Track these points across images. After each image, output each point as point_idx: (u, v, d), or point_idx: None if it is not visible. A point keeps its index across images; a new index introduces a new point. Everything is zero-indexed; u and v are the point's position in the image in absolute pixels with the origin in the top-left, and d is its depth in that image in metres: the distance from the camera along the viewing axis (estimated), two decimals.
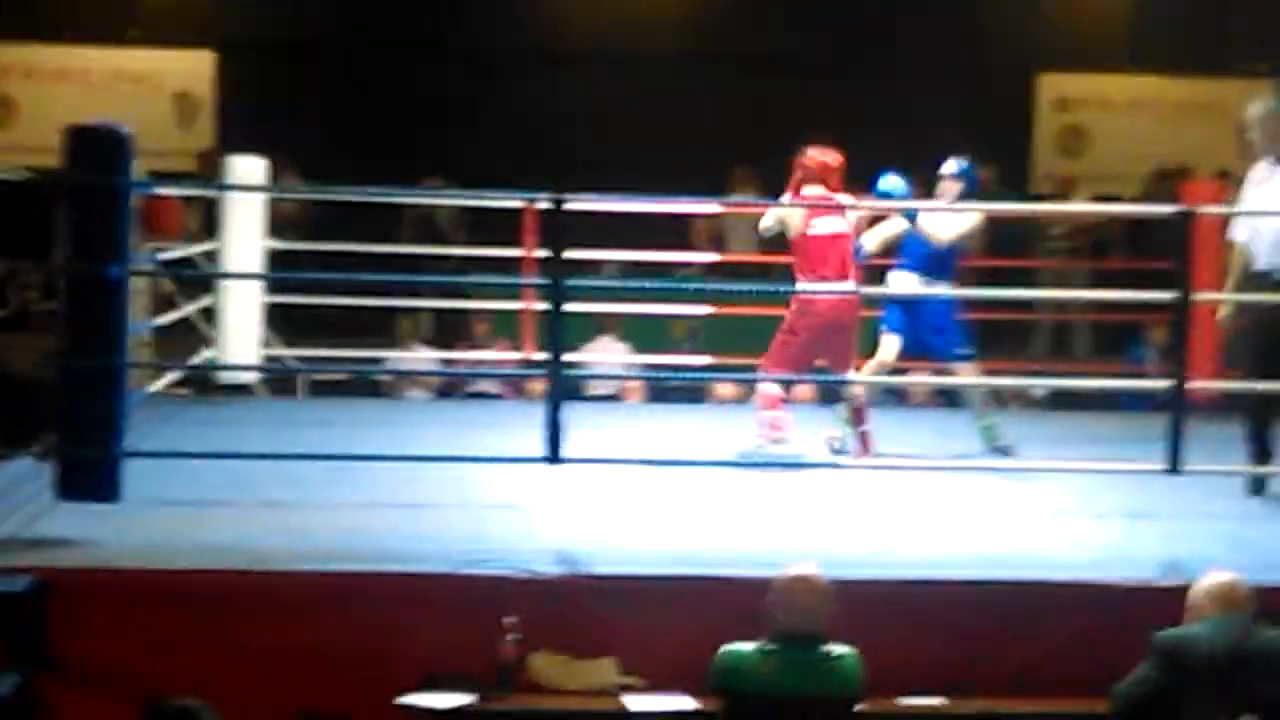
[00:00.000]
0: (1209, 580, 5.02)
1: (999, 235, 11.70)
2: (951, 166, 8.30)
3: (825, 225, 7.75)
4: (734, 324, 9.55)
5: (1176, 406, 6.54)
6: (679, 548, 6.11)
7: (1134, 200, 13.04)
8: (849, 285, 7.71)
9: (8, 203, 6.19)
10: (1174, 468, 6.52)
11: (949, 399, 9.89)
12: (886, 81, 14.00)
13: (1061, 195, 13.50)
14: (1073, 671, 5.54)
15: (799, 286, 7.73)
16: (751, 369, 7.84)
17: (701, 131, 13.72)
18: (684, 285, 10.66)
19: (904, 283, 8.31)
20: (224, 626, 5.48)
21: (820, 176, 7.87)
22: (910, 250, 8.30)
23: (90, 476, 6.06)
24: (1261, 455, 7.33)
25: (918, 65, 14.13)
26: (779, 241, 8.08)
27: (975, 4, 14.70)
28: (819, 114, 9.11)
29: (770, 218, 7.99)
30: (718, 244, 12.46)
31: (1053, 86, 15.13)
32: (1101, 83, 15.10)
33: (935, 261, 8.24)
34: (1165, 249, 7.25)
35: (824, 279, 7.68)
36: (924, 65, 14.17)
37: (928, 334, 8.26)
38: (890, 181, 8.10)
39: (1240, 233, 7.54)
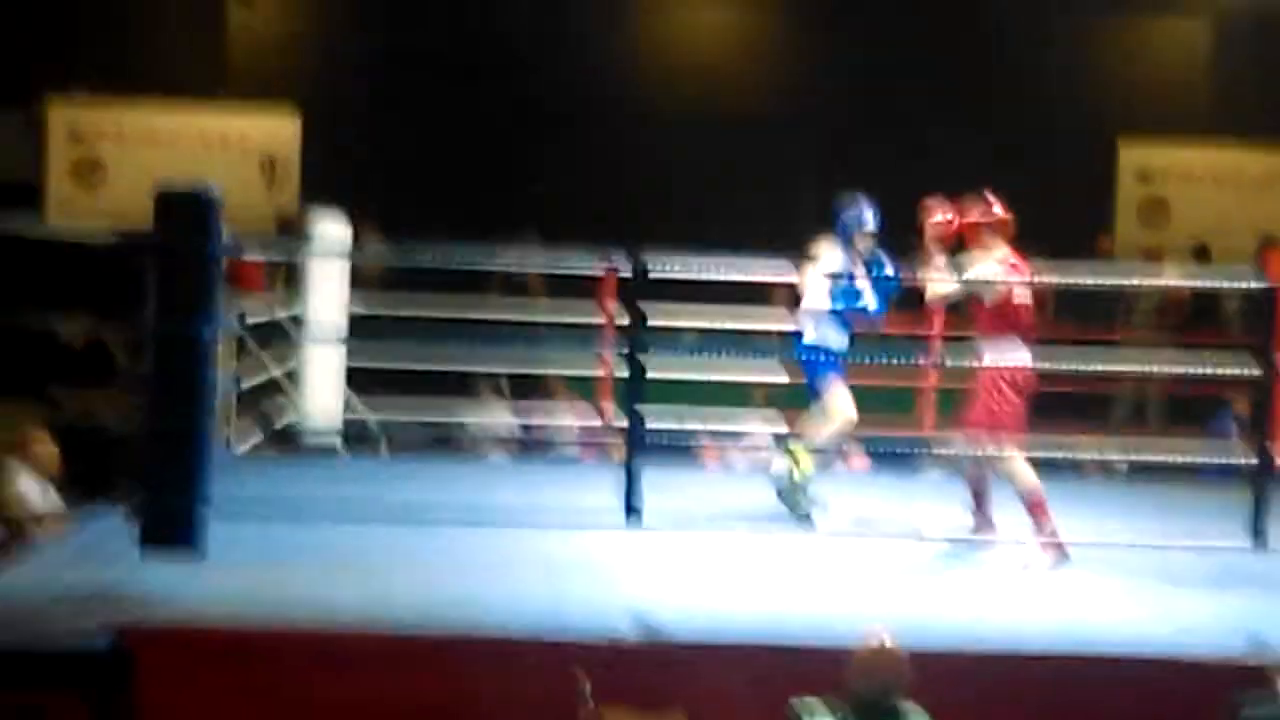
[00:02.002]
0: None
1: (1083, 303, 11.63)
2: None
3: (1022, 290, 7.42)
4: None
5: (1260, 480, 6.49)
6: (753, 612, 6.10)
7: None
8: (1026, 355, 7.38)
9: (98, 265, 6.30)
10: (1258, 542, 6.47)
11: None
12: (976, 144, 13.93)
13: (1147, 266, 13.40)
14: None
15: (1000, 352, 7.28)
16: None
17: (784, 192, 13.69)
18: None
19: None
20: (304, 686, 5.50)
21: (1008, 233, 7.45)
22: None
23: (174, 530, 6.13)
24: None
25: (995, 137, 14.08)
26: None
27: (1054, 70, 14.66)
28: (899, 177, 9.02)
29: (962, 280, 7.41)
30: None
31: (1134, 157, 15.06)
32: (1183, 154, 15.02)
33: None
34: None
35: (1029, 344, 7.34)
36: (1006, 127, 14.13)
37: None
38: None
39: None
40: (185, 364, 6.12)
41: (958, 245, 7.46)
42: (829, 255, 8.12)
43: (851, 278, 8.03)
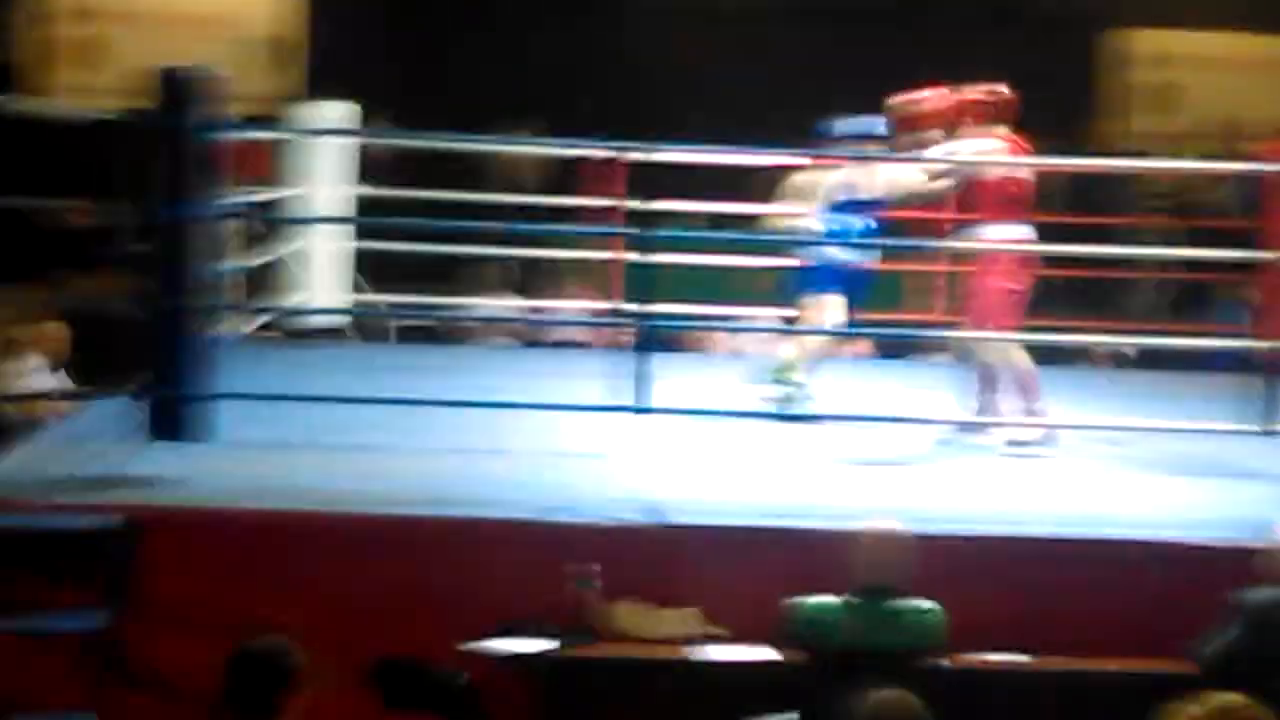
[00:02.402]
0: None
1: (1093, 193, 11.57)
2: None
3: (1024, 169, 7.28)
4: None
5: (1272, 366, 6.47)
6: (763, 499, 6.10)
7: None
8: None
9: (100, 146, 6.25)
10: (1268, 428, 6.46)
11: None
12: (970, 31, 13.78)
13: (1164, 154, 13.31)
14: (1158, 631, 5.49)
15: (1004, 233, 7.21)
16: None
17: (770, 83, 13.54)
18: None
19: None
20: (305, 568, 5.52)
21: (1010, 115, 7.32)
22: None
23: (179, 417, 6.14)
24: None
25: (993, 15, 13.91)
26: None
27: None
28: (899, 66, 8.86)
29: (961, 158, 7.28)
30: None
31: (1147, 42, 14.91)
32: (1191, 40, 14.88)
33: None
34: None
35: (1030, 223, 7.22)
36: (997, 15, 13.96)
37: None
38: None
39: None
40: (189, 247, 6.09)
41: (951, 129, 7.36)
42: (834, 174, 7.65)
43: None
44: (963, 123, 7.31)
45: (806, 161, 7.75)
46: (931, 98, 7.39)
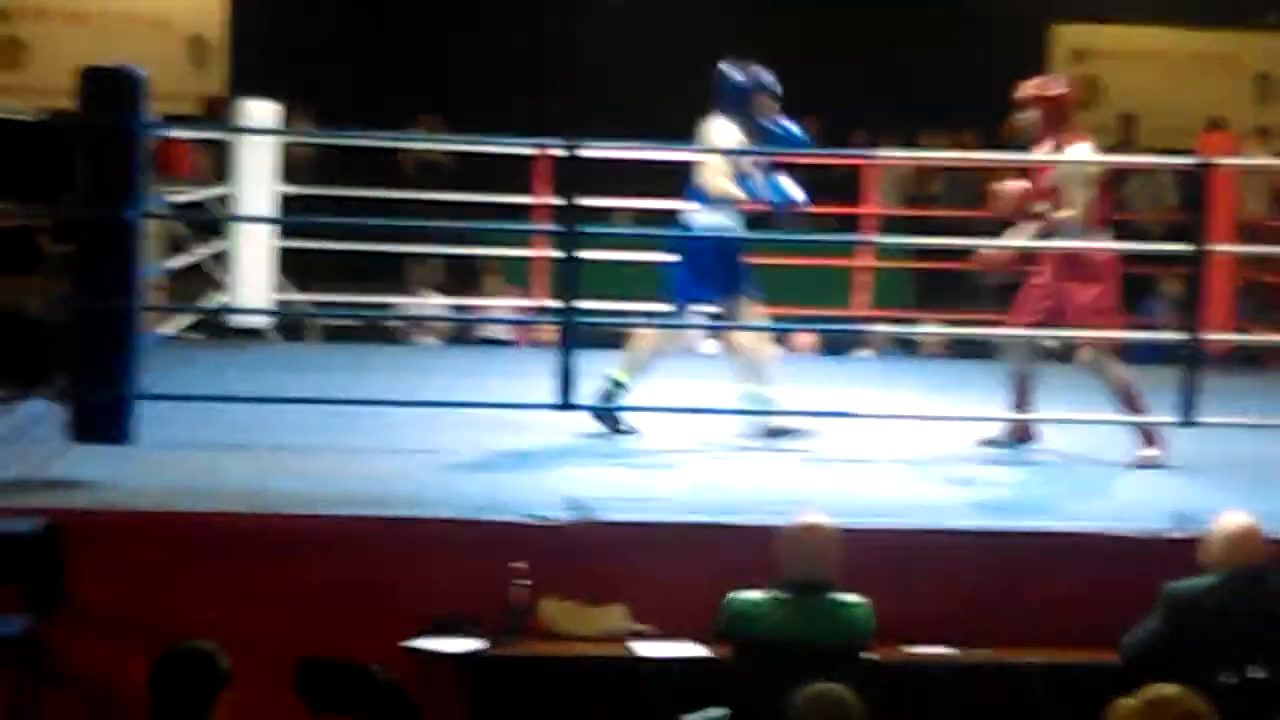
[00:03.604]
0: (1222, 527, 5.02)
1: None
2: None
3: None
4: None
5: (1191, 359, 6.54)
6: (688, 495, 6.12)
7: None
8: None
9: (22, 143, 6.18)
10: (1188, 419, 6.53)
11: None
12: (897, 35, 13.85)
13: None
14: (1084, 622, 5.54)
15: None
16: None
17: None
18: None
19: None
20: (234, 570, 5.49)
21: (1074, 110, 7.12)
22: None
23: (102, 419, 6.08)
24: None
25: (925, 17, 13.97)
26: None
27: None
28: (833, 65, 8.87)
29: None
30: None
31: (1069, 38, 15.02)
32: (1117, 34, 15.00)
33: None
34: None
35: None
36: (933, 15, 14.03)
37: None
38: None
39: None
40: (112, 248, 6.04)
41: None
42: (718, 131, 7.18)
43: (770, 167, 7.26)
44: (1066, 121, 7.09)
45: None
46: (1022, 189, 7.06)
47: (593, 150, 6.69)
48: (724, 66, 7.30)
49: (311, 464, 6.36)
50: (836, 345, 10.51)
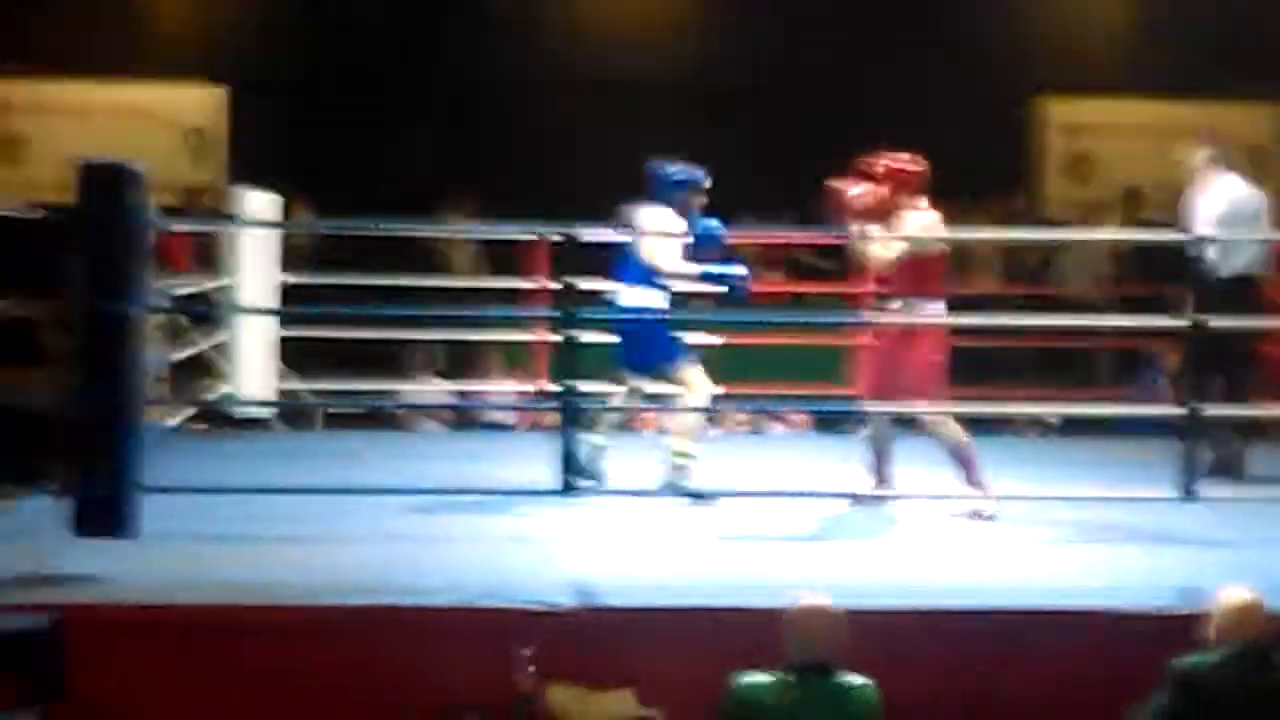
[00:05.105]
0: (1225, 602, 5.00)
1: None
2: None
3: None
4: (739, 354, 9.38)
5: (1190, 433, 6.55)
6: (693, 578, 6.11)
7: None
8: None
9: (22, 240, 6.22)
10: (1189, 494, 6.53)
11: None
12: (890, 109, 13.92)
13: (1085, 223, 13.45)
14: (1090, 699, 5.52)
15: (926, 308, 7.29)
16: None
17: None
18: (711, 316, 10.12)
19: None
20: (239, 661, 5.48)
21: (925, 187, 7.38)
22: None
23: (106, 512, 6.08)
24: None
25: (917, 94, 14.04)
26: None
27: (975, 29, 14.61)
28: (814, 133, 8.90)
29: (908, 235, 7.26)
30: None
31: (1060, 112, 15.09)
32: (1105, 108, 15.06)
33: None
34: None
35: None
36: (924, 95, 14.10)
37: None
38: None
39: None
40: (112, 342, 6.07)
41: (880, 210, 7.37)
42: (660, 217, 7.59)
43: (712, 241, 7.59)
44: (898, 202, 7.33)
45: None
46: (867, 193, 7.33)
47: (589, 234, 6.74)
48: (657, 162, 7.66)
49: (313, 554, 6.36)
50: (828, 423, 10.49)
